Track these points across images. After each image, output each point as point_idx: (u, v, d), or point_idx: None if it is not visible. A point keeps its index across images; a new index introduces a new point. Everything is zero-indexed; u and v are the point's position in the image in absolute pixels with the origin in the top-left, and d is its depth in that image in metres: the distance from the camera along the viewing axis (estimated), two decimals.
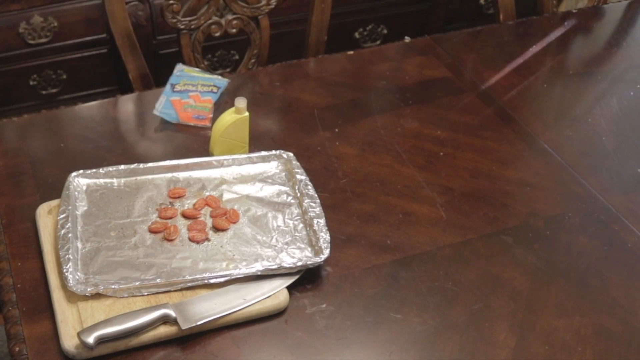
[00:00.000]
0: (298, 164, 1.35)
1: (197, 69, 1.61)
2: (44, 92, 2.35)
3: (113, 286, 1.13)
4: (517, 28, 1.91)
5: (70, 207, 1.24)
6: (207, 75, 1.58)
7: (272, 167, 1.36)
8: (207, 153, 1.39)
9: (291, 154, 1.36)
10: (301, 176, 1.32)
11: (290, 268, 1.17)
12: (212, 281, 1.14)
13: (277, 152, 1.37)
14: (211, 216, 1.26)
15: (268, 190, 1.31)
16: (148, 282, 1.14)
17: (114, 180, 1.31)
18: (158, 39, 2.37)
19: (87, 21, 2.28)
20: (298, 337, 1.12)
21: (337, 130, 1.50)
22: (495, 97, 1.63)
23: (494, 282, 1.23)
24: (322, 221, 1.24)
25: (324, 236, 1.21)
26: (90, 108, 1.54)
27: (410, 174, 1.41)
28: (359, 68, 1.70)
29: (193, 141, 1.45)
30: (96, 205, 1.27)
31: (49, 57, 2.28)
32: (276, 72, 1.67)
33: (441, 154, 1.47)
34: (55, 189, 1.30)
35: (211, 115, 1.48)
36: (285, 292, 1.15)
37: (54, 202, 1.25)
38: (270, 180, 1.33)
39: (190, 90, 1.52)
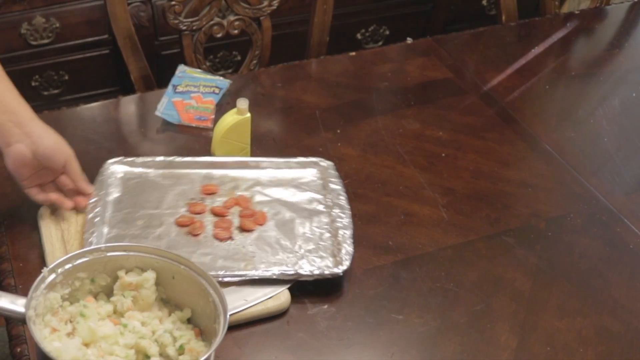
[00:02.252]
0: (336, 173, 1.34)
1: (199, 70, 1.61)
2: (45, 93, 2.35)
3: None
4: (519, 29, 1.91)
5: (102, 192, 1.26)
6: (209, 77, 1.58)
7: (309, 173, 1.35)
8: (209, 154, 1.39)
9: (330, 163, 1.36)
10: (336, 186, 1.31)
11: (307, 276, 1.16)
12: (226, 279, 1.14)
13: (317, 159, 1.36)
14: (239, 216, 1.25)
15: (300, 196, 1.30)
16: None
17: (150, 170, 1.32)
18: (160, 40, 2.37)
19: (89, 22, 2.28)
20: (299, 338, 1.12)
21: (338, 131, 1.50)
22: (497, 98, 1.63)
23: (496, 283, 1.23)
24: (349, 233, 1.23)
25: (347, 248, 1.20)
26: (92, 109, 1.54)
27: (411, 175, 1.41)
28: (360, 69, 1.70)
29: (195, 142, 1.45)
30: (129, 193, 1.28)
31: (51, 58, 2.29)
32: (278, 73, 1.68)
33: (443, 155, 1.46)
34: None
35: (213, 116, 1.48)
36: (287, 293, 1.15)
37: None
38: (304, 187, 1.32)
39: (192, 92, 1.52)
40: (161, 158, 1.34)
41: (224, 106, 1.52)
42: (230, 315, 1.10)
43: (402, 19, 2.72)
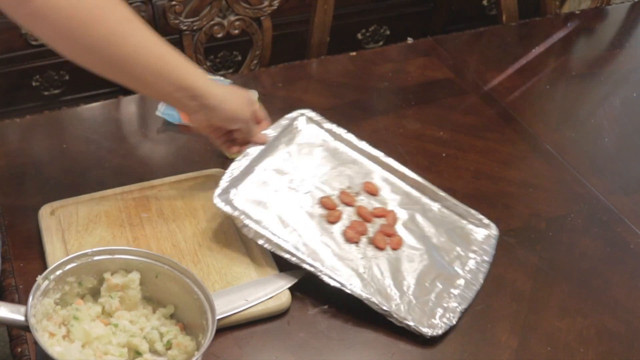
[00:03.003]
0: (495, 245, 1.25)
1: None
2: (46, 93, 2.35)
3: (244, 219, 1.16)
4: (519, 29, 1.91)
5: (276, 135, 1.30)
6: (210, 77, 1.58)
7: (473, 231, 1.27)
8: (209, 155, 1.39)
9: (496, 234, 1.27)
10: (486, 257, 1.23)
11: (396, 320, 1.12)
12: (323, 277, 1.14)
13: (490, 222, 1.28)
14: (379, 230, 1.23)
15: (447, 246, 1.24)
16: (276, 239, 1.16)
17: (331, 140, 1.35)
18: None
19: None
20: (300, 338, 1.12)
21: None
22: (497, 98, 1.63)
23: (497, 283, 1.22)
24: (461, 308, 1.15)
25: (450, 319, 1.13)
26: (92, 109, 1.54)
27: None
28: (361, 69, 1.70)
29: (195, 142, 1.45)
30: (300, 147, 1.32)
31: (51, 58, 2.29)
32: (278, 73, 1.68)
33: (443, 155, 1.46)
34: (57, 190, 1.30)
35: None
36: (288, 293, 1.15)
37: (56, 203, 1.25)
38: (459, 240, 1.25)
39: None
40: (352, 137, 1.35)
41: None
42: (231, 315, 1.10)
43: (403, 19, 2.72)
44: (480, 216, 1.29)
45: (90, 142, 1.43)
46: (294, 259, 1.15)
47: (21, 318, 0.95)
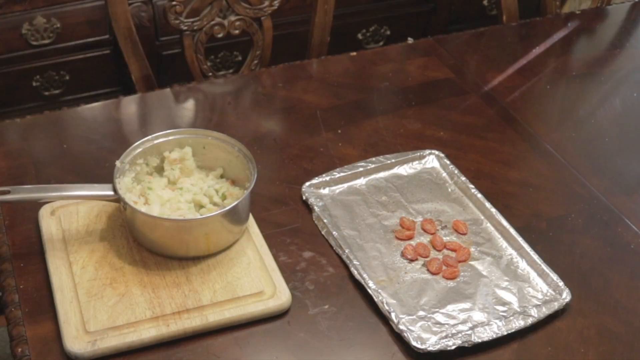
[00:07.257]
0: (555, 308, 1.17)
1: None
2: (46, 93, 2.35)
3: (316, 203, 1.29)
4: (520, 29, 1.91)
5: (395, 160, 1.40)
6: None
7: (538, 286, 1.20)
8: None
9: (564, 302, 1.18)
10: (531, 319, 1.15)
11: (394, 324, 1.12)
12: (352, 270, 1.19)
13: (564, 287, 1.19)
14: (442, 259, 1.23)
15: (505, 297, 1.18)
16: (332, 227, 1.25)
17: (450, 182, 1.37)
18: (161, 40, 2.37)
19: (90, 22, 2.28)
20: (300, 338, 1.12)
21: (339, 131, 1.50)
22: (498, 98, 1.63)
23: None
24: (467, 344, 1.10)
25: (445, 344, 1.10)
26: (92, 109, 1.54)
27: None
28: (361, 69, 1.70)
29: None
30: (413, 176, 1.38)
31: (51, 58, 2.29)
32: (279, 73, 1.67)
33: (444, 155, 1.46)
34: None
35: None
36: (288, 293, 1.15)
37: (57, 203, 1.25)
38: (519, 290, 1.19)
39: None
40: (471, 186, 1.35)
41: (225, 106, 1.52)
42: None
43: (403, 19, 2.72)
44: (555, 276, 1.20)
45: (91, 142, 1.44)
46: (336, 247, 1.23)
47: (111, 193, 1.18)
